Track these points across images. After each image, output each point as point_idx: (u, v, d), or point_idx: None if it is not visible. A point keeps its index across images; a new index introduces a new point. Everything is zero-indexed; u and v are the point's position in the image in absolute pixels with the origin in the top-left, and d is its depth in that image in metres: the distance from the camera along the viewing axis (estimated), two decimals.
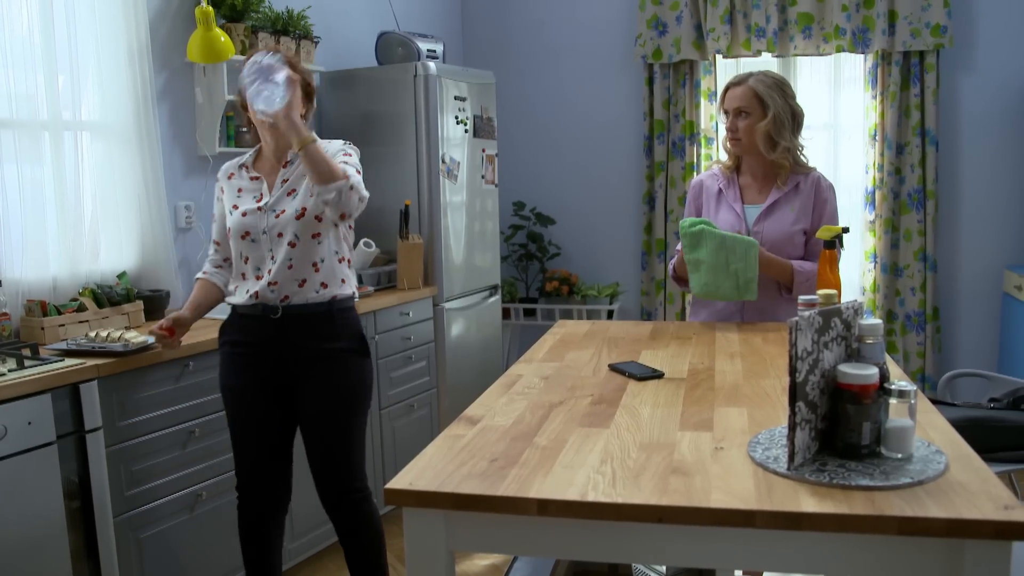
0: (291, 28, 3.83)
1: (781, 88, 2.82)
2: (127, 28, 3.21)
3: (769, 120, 2.77)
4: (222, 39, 3.33)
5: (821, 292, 1.88)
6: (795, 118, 2.84)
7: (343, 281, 2.61)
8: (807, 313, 1.51)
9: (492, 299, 4.63)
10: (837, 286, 2.51)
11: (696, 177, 3.17)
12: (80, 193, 3.11)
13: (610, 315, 5.02)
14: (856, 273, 4.87)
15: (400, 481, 1.50)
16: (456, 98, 4.21)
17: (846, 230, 2.71)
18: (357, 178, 2.49)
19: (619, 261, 5.36)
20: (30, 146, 2.96)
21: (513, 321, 5.19)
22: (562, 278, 5.14)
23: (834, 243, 2.61)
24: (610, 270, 5.36)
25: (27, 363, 2.50)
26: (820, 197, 2.85)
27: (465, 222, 4.35)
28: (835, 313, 1.58)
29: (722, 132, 2.96)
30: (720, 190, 2.92)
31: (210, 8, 3.29)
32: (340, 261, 2.62)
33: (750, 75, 2.83)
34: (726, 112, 2.87)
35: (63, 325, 2.87)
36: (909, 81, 4.63)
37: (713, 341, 2.59)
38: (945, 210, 4.77)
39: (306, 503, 3.32)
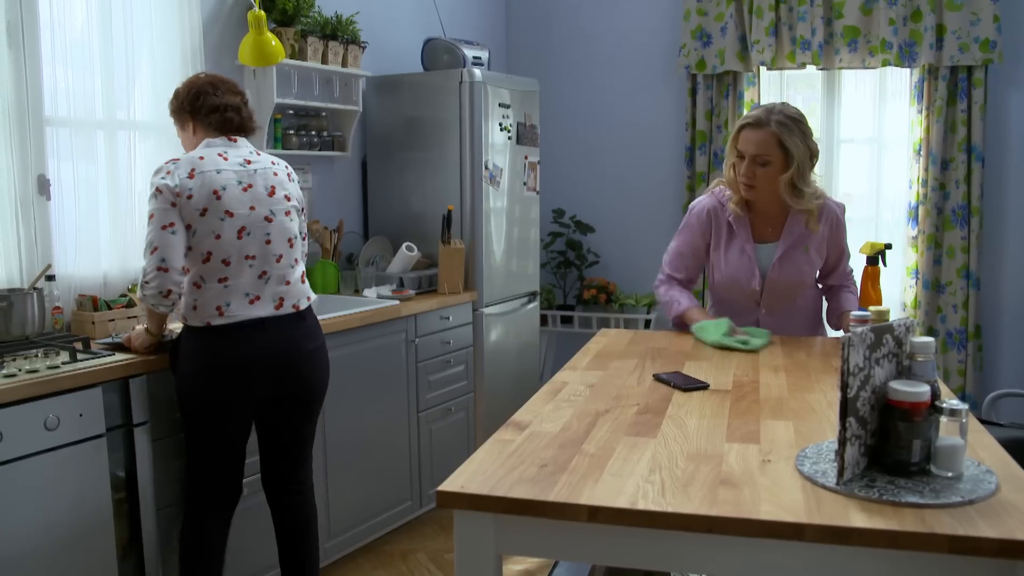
0: (339, 33, 3.88)
1: (801, 129, 2.61)
2: (181, 31, 3.27)
3: (793, 170, 2.59)
4: (273, 43, 3.38)
5: (873, 309, 1.88)
6: (813, 159, 2.66)
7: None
8: (859, 329, 1.51)
9: (531, 305, 4.65)
10: (879, 302, 2.50)
11: (700, 201, 2.90)
12: (132, 191, 3.17)
13: (647, 324, 5.02)
14: (897, 289, 4.83)
15: (452, 484, 1.52)
16: (500, 105, 4.24)
17: (888, 246, 2.70)
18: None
19: (657, 271, 5.33)
20: (85, 144, 3.03)
21: (550, 328, 5.21)
22: (600, 286, 5.15)
23: (877, 259, 2.60)
24: (648, 279, 5.32)
25: (79, 356, 2.55)
26: (838, 232, 2.77)
27: (506, 228, 4.37)
28: (887, 330, 1.58)
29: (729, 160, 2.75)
30: (729, 224, 2.78)
31: (262, 12, 3.34)
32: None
33: (769, 113, 2.60)
34: (740, 155, 2.65)
35: (113, 320, 2.93)
36: (956, 96, 4.59)
37: (757, 354, 2.58)
38: (990, 227, 4.71)
39: (342, 503, 3.36)
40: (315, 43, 3.76)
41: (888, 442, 1.56)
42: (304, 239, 2.79)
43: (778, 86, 5.02)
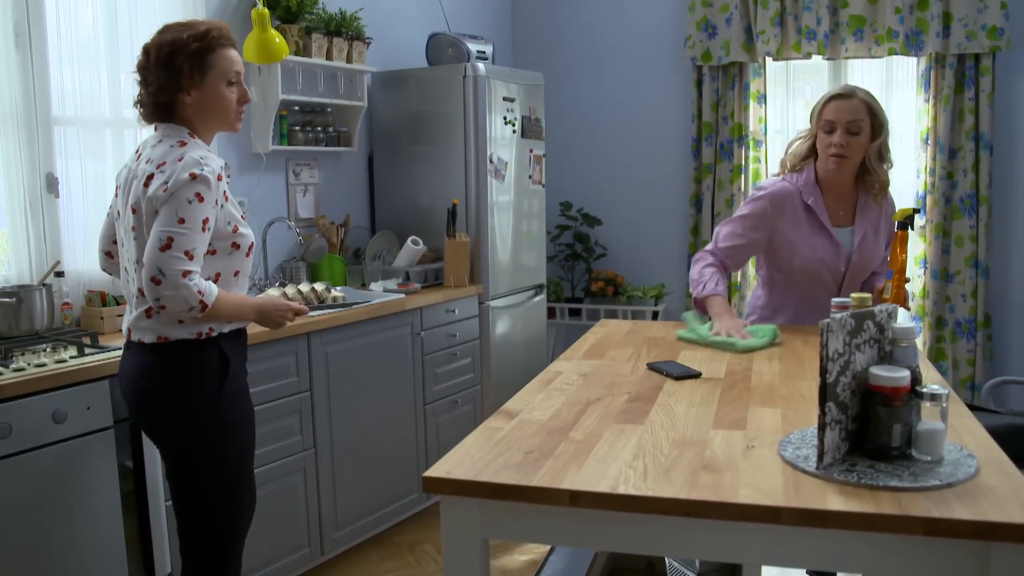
0: (344, 29, 3.92)
1: (881, 107, 2.65)
2: None
3: (881, 140, 2.62)
4: (277, 40, 3.41)
5: (854, 295, 1.90)
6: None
7: None
8: (839, 315, 1.53)
9: (537, 298, 4.68)
10: (905, 265, 2.54)
11: (775, 183, 2.77)
12: None
13: (655, 316, 5.03)
14: None
15: (438, 470, 1.55)
16: (505, 99, 4.27)
17: (917, 211, 2.71)
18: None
19: (665, 263, 5.37)
20: (93, 143, 3.08)
21: (558, 321, 5.23)
22: (608, 279, 5.17)
23: (906, 224, 2.62)
24: (656, 272, 5.37)
25: (87, 351, 2.61)
26: (890, 214, 2.83)
27: (512, 221, 4.40)
28: (868, 316, 1.59)
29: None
30: (808, 207, 2.71)
31: (266, 10, 3.38)
32: None
33: (853, 88, 2.64)
34: (830, 126, 2.62)
35: (121, 315, 2.98)
36: (963, 84, 4.57)
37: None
38: (998, 216, 4.70)
39: (349, 494, 3.41)
40: (319, 39, 3.80)
41: (869, 427, 1.58)
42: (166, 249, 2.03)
43: (784, 76, 5.02)
